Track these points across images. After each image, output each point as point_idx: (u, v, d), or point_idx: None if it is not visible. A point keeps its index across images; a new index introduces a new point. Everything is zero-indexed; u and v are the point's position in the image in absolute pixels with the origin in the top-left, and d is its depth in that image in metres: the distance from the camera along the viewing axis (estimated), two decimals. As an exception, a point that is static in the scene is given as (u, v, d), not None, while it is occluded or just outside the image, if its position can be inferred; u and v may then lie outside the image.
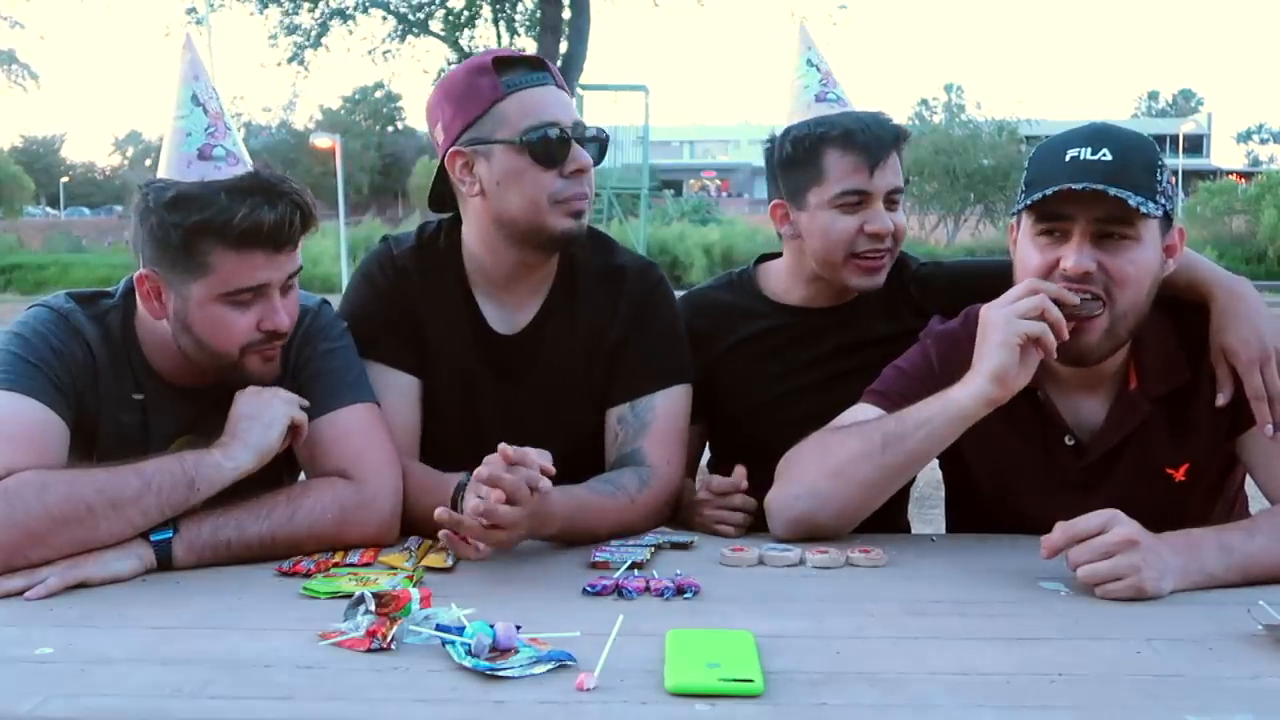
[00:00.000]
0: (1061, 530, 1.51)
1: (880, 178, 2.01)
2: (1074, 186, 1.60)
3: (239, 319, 1.70)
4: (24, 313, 1.78)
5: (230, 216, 1.63)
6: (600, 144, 1.90)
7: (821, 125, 2.04)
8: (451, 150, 1.86)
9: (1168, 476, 1.78)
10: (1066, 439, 1.79)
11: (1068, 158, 1.65)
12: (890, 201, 2.04)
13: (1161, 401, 1.76)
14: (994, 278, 1.89)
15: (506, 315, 1.98)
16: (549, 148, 1.81)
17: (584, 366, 1.96)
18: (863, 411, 1.83)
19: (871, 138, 2.00)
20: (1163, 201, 1.65)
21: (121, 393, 1.78)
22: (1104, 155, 1.63)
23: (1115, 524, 1.49)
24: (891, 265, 2.16)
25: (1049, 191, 1.63)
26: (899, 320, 2.10)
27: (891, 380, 1.86)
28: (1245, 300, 1.77)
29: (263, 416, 1.69)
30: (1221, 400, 1.72)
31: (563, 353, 1.96)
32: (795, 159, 2.06)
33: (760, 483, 1.87)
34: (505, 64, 1.84)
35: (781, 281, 2.18)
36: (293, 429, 1.72)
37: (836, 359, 2.12)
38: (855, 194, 2.02)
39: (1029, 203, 1.66)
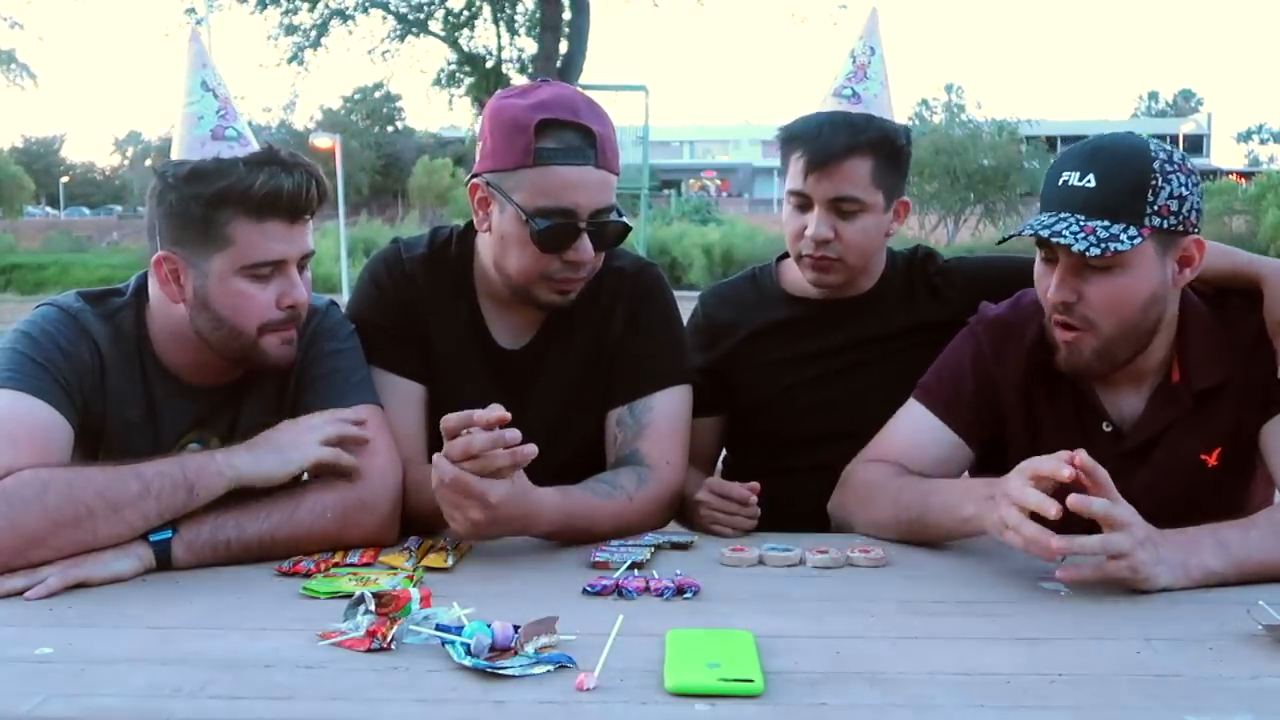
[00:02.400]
0: (1065, 540, 1.50)
1: (816, 184, 2.03)
2: (1040, 232, 1.63)
3: (259, 294, 1.70)
4: (32, 311, 1.77)
5: (250, 184, 1.65)
6: (620, 231, 1.86)
7: (792, 126, 2.09)
8: (474, 179, 1.86)
9: (1201, 462, 1.79)
10: (1105, 425, 1.82)
11: (1059, 181, 1.67)
12: (838, 210, 2.04)
13: (1202, 393, 1.77)
14: (1017, 274, 1.92)
15: (511, 329, 1.97)
16: (553, 236, 1.78)
17: (587, 375, 1.96)
18: (912, 416, 1.89)
19: (819, 145, 2.02)
20: (1156, 223, 1.63)
21: (131, 391, 1.78)
22: (1088, 182, 1.64)
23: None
24: (907, 261, 2.23)
25: (1019, 232, 1.68)
26: (920, 311, 2.16)
27: (944, 382, 1.90)
28: None
29: (286, 452, 1.68)
30: None
31: (566, 365, 1.96)
32: (781, 155, 2.12)
33: (780, 469, 1.98)
34: (548, 129, 1.75)
35: (800, 275, 2.19)
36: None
37: (857, 349, 2.16)
38: (797, 195, 2.08)
39: (1019, 232, 1.71)
